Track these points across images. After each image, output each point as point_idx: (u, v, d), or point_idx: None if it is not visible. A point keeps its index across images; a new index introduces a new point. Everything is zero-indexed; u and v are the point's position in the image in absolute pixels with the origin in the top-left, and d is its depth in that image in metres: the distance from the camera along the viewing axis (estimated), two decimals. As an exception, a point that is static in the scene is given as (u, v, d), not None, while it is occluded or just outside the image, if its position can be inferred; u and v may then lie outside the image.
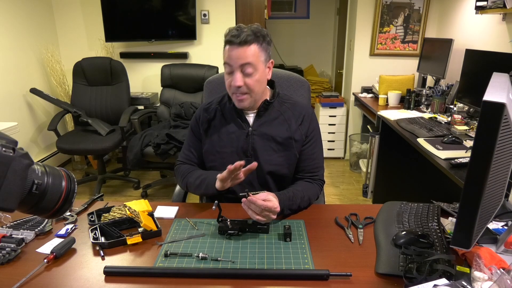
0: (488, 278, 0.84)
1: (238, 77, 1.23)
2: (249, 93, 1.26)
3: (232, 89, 1.26)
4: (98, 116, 3.36)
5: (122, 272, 0.94)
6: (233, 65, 1.22)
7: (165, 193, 3.36)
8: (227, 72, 1.26)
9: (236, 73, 1.23)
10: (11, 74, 3.18)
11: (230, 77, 1.26)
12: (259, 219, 1.09)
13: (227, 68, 1.25)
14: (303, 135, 1.35)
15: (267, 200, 1.09)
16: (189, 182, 1.34)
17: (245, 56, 1.21)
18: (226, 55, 1.24)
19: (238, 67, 1.22)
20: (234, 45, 1.21)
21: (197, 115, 1.42)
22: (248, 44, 1.21)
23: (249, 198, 1.07)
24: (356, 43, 3.73)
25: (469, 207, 0.79)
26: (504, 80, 0.89)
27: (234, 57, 1.21)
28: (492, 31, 2.67)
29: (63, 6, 3.69)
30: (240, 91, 1.25)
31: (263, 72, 1.27)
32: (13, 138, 0.63)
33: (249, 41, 1.21)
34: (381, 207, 1.26)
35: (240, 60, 1.21)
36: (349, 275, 0.92)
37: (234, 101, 1.31)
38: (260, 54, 1.24)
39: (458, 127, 2.28)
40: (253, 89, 1.26)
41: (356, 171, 3.82)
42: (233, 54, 1.21)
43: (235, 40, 1.20)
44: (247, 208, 1.10)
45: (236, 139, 1.33)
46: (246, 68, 1.22)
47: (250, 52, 1.21)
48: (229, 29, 1.24)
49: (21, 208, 0.66)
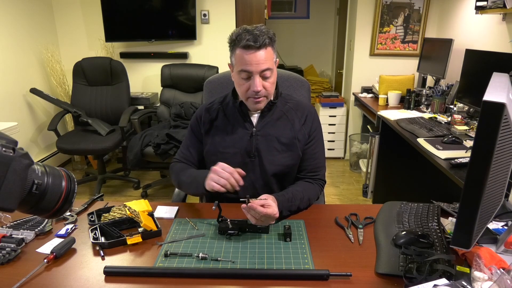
0: (488, 278, 0.84)
1: (258, 82, 1.21)
2: (266, 96, 1.26)
3: (250, 93, 1.24)
4: (98, 116, 3.35)
5: (122, 272, 0.94)
6: (253, 70, 1.19)
7: (165, 193, 3.36)
8: (244, 78, 1.23)
9: (255, 78, 1.20)
10: (11, 74, 3.18)
11: (247, 82, 1.23)
12: (257, 223, 1.09)
13: (244, 74, 1.21)
14: (306, 134, 1.35)
15: (267, 205, 1.08)
16: (181, 180, 1.32)
17: (265, 61, 1.19)
18: (243, 60, 1.19)
19: (258, 72, 1.20)
20: (252, 50, 1.18)
21: (198, 115, 1.40)
22: (265, 47, 1.19)
23: (249, 205, 1.06)
24: (356, 43, 3.73)
25: (469, 207, 0.79)
26: (504, 80, 0.89)
27: (254, 63, 1.18)
28: (492, 31, 2.67)
29: (63, 6, 3.69)
30: (259, 95, 1.24)
31: (276, 73, 1.28)
32: (13, 138, 0.63)
33: (267, 44, 1.19)
34: (381, 207, 1.26)
35: (260, 65, 1.19)
36: (349, 275, 0.92)
37: (249, 104, 1.29)
38: (274, 56, 1.25)
39: (458, 127, 2.28)
40: (270, 91, 1.26)
41: (356, 171, 3.82)
42: (252, 59, 1.18)
43: (254, 44, 1.16)
44: (246, 212, 1.09)
45: (240, 140, 1.32)
46: (265, 72, 1.21)
47: (268, 55, 1.20)
48: (238, 34, 1.20)
49: (21, 208, 0.66)
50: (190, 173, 1.31)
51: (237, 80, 1.27)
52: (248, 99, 1.27)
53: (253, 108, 1.31)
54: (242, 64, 1.20)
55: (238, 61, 1.22)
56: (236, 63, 1.23)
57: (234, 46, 1.22)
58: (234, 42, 1.21)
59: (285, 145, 1.32)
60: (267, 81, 1.23)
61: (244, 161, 1.32)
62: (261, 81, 1.22)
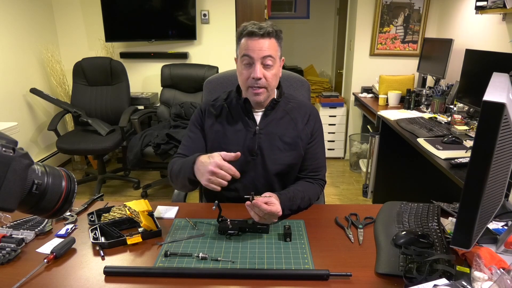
0: (488, 278, 0.84)
1: (258, 68, 1.22)
2: (266, 87, 1.26)
3: (250, 81, 1.25)
4: (98, 116, 3.35)
5: (122, 272, 0.94)
6: (255, 56, 1.21)
7: (165, 193, 3.36)
8: (245, 64, 1.24)
9: (256, 64, 1.22)
10: (11, 74, 3.18)
11: (248, 69, 1.24)
12: (260, 221, 1.10)
13: (246, 60, 1.24)
14: (309, 134, 1.35)
15: (271, 203, 1.09)
16: (173, 170, 1.28)
17: (267, 48, 1.21)
18: (246, 46, 1.22)
19: (259, 59, 1.22)
20: (256, 37, 1.21)
21: (202, 108, 1.39)
22: (269, 36, 1.22)
23: (254, 202, 1.07)
24: (356, 43, 3.73)
25: (469, 207, 0.79)
26: (504, 80, 0.89)
27: (256, 48, 1.21)
28: (492, 31, 2.67)
29: (63, 6, 3.69)
30: (258, 83, 1.24)
31: (279, 67, 1.29)
32: (13, 138, 0.64)
33: (271, 33, 1.22)
34: (381, 207, 1.26)
35: (262, 51, 1.21)
36: (349, 275, 0.92)
37: (249, 95, 1.29)
38: (278, 49, 1.26)
39: (458, 127, 2.28)
40: (270, 82, 1.26)
41: (356, 171, 3.82)
42: (255, 45, 1.21)
43: (258, 31, 1.20)
44: (250, 209, 1.10)
45: (243, 138, 1.32)
46: (267, 60, 1.22)
47: (271, 44, 1.23)
48: (244, 25, 1.24)
49: (21, 208, 0.66)
50: (181, 161, 1.27)
51: (239, 69, 1.28)
52: (248, 88, 1.27)
53: (253, 100, 1.30)
54: (244, 50, 1.23)
55: (241, 48, 1.24)
56: (239, 52, 1.26)
57: (240, 37, 1.25)
58: (241, 33, 1.24)
59: (288, 144, 1.32)
60: (268, 71, 1.24)
61: (246, 159, 1.31)
62: (262, 70, 1.23)
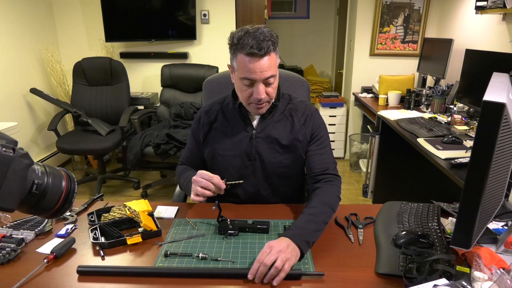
0: (488, 278, 0.84)
1: (261, 90, 1.18)
2: (269, 101, 1.25)
3: (252, 100, 1.21)
4: (98, 116, 3.35)
5: (122, 272, 0.94)
6: (257, 78, 1.16)
7: (165, 193, 3.36)
8: (246, 84, 1.19)
9: (259, 85, 1.17)
10: (11, 74, 3.17)
11: (249, 89, 1.20)
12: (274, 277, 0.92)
13: (247, 81, 1.18)
14: (307, 134, 1.32)
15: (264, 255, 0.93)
16: (180, 184, 1.37)
17: (269, 68, 1.16)
18: (246, 68, 1.15)
19: (261, 80, 1.17)
20: (256, 58, 1.13)
21: (197, 118, 1.39)
22: (269, 54, 1.15)
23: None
24: (356, 43, 3.73)
25: (469, 207, 0.79)
26: (504, 80, 0.89)
27: (258, 71, 1.14)
28: (492, 31, 2.67)
29: (63, 6, 3.69)
30: (261, 101, 1.22)
31: (278, 76, 1.25)
32: (13, 138, 0.64)
33: (271, 50, 1.15)
34: (381, 207, 1.26)
35: (264, 73, 1.16)
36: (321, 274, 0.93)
37: (251, 109, 1.27)
38: (277, 61, 1.21)
39: (458, 127, 2.28)
40: (272, 96, 1.25)
41: (356, 171, 3.82)
42: (256, 67, 1.14)
43: (258, 52, 1.12)
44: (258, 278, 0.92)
45: (240, 142, 1.30)
46: (269, 79, 1.18)
47: (272, 62, 1.17)
48: (239, 37, 1.14)
49: (21, 208, 0.66)
50: (186, 177, 1.32)
51: (239, 86, 1.23)
52: (249, 104, 1.25)
53: (255, 113, 1.29)
54: (245, 72, 1.16)
55: (240, 67, 1.17)
56: (238, 69, 1.18)
57: (236, 50, 1.17)
58: (236, 46, 1.15)
59: (285, 147, 1.30)
60: (270, 87, 1.21)
61: (244, 164, 1.30)
62: (264, 88, 1.19)
